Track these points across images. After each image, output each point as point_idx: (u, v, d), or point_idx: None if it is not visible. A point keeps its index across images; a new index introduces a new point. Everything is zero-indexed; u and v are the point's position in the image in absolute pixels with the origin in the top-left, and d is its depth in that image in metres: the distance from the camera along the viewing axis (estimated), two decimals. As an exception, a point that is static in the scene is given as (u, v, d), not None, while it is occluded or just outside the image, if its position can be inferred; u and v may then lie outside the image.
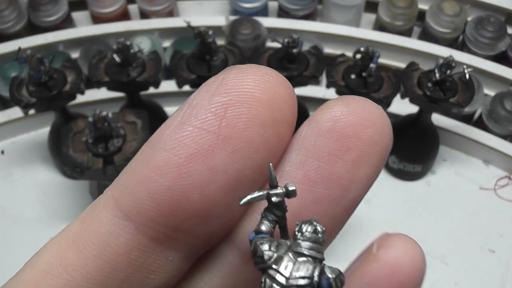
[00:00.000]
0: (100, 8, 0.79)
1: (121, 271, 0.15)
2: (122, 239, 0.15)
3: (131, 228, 0.15)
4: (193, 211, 0.15)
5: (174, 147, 0.14)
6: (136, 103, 0.67)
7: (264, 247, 0.14)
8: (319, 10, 0.82)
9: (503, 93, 0.71)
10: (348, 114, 0.15)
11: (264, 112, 0.14)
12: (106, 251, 0.15)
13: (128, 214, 0.15)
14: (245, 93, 0.14)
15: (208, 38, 0.61)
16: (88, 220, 0.15)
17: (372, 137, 0.15)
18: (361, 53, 0.60)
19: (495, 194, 0.72)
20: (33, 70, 0.59)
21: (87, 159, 0.57)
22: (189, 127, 0.14)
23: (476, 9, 0.79)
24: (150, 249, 0.15)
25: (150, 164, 0.14)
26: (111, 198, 0.15)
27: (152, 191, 0.14)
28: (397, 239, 0.16)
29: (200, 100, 0.15)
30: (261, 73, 0.15)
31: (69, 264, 0.15)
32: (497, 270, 0.66)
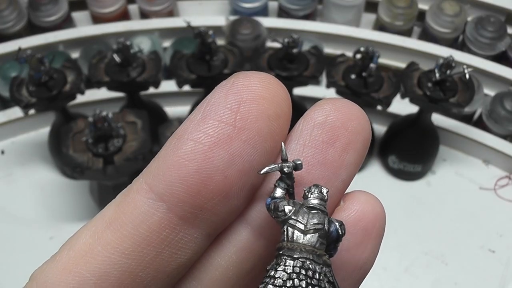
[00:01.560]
0: (100, 8, 0.79)
1: (154, 247, 0.17)
2: (156, 218, 0.17)
3: (164, 208, 0.17)
4: (216, 191, 0.17)
5: (199, 136, 0.17)
6: (136, 103, 0.67)
7: (283, 203, 0.18)
8: (319, 10, 0.82)
9: (503, 93, 0.71)
10: (336, 111, 0.19)
11: (269, 108, 0.18)
12: (141, 228, 0.17)
13: (161, 196, 0.17)
14: (253, 92, 0.18)
15: (208, 38, 0.61)
16: (123, 204, 0.18)
17: (356, 128, 0.19)
18: (361, 53, 0.60)
19: (495, 194, 0.72)
20: (33, 70, 0.59)
21: (87, 159, 0.57)
22: (210, 120, 0.17)
23: (476, 9, 0.79)
24: (179, 227, 0.17)
25: (179, 151, 0.17)
26: (144, 184, 0.17)
27: (182, 174, 0.17)
28: (360, 194, 0.20)
29: (216, 99, 0.17)
30: (264, 77, 0.18)
31: (108, 243, 0.17)
32: (497, 270, 0.66)
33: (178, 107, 0.77)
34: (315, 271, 0.17)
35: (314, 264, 0.17)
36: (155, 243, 0.17)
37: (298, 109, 0.73)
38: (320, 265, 0.17)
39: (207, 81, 0.63)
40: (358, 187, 0.70)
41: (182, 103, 0.77)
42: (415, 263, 0.66)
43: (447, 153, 0.75)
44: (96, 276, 0.17)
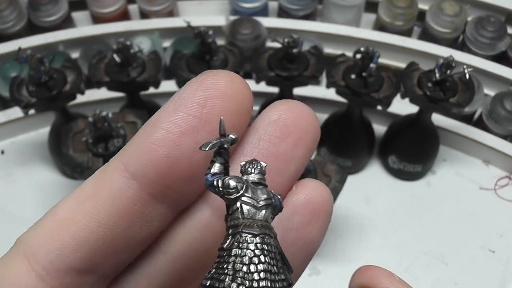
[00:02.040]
0: (100, 8, 0.79)
1: (126, 219, 0.20)
2: (129, 194, 0.20)
3: (136, 186, 0.20)
4: (182, 173, 0.20)
5: (170, 126, 0.20)
6: (136, 103, 0.67)
7: (232, 180, 0.19)
8: (319, 10, 0.82)
9: (503, 93, 0.71)
10: (288, 110, 0.22)
11: (232, 105, 0.20)
12: (117, 202, 0.20)
13: (134, 175, 0.20)
14: (219, 90, 0.20)
15: (208, 38, 0.61)
16: (101, 180, 0.20)
17: (306, 126, 0.22)
18: (361, 53, 0.60)
19: (495, 194, 0.72)
20: (33, 70, 0.59)
21: (87, 159, 0.57)
22: (180, 112, 0.20)
23: (476, 9, 0.79)
24: (148, 202, 0.20)
25: (152, 137, 0.20)
26: (120, 163, 0.20)
27: (153, 158, 0.20)
28: (310, 181, 0.22)
29: (187, 94, 0.20)
30: (230, 76, 0.20)
31: (87, 213, 0.20)
32: (497, 270, 0.66)
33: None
34: (272, 245, 0.18)
35: (270, 238, 0.18)
36: (128, 216, 0.20)
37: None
38: (273, 239, 0.19)
39: (207, 81, 0.63)
40: (358, 187, 0.71)
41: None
42: (415, 263, 0.66)
43: (447, 153, 0.75)
44: (76, 241, 0.19)
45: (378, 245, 0.68)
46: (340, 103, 0.72)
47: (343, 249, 0.68)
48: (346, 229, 0.69)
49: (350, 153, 0.72)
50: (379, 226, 0.70)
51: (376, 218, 0.70)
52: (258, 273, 0.18)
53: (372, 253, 0.68)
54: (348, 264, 0.66)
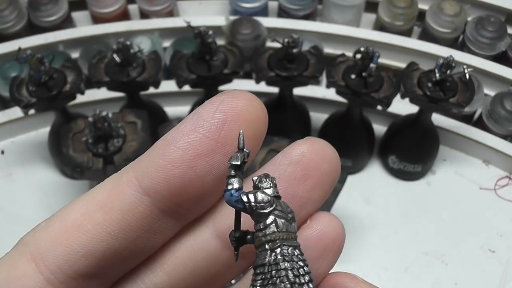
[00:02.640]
0: (100, 8, 0.79)
1: (136, 231, 0.20)
2: (141, 209, 0.20)
3: (148, 201, 0.20)
4: (194, 193, 0.20)
5: (187, 147, 0.20)
6: (136, 103, 0.67)
7: (264, 195, 0.19)
8: (319, 10, 0.82)
9: (503, 93, 0.71)
10: (312, 152, 0.21)
11: (249, 129, 0.20)
12: (128, 215, 0.20)
13: (147, 191, 0.20)
14: (238, 113, 0.20)
15: (208, 38, 0.61)
16: (114, 192, 0.20)
17: (327, 170, 0.22)
18: (361, 53, 0.60)
19: (495, 194, 0.72)
20: (33, 70, 0.59)
21: (87, 159, 0.57)
22: (198, 134, 0.20)
23: (476, 9, 0.79)
24: (158, 217, 0.21)
25: (168, 158, 0.20)
26: (134, 178, 0.20)
27: (168, 177, 0.20)
28: (324, 215, 0.22)
29: (206, 114, 0.20)
30: (249, 99, 0.21)
31: (97, 223, 0.20)
32: (497, 270, 0.66)
33: (178, 107, 0.77)
34: (303, 254, 0.19)
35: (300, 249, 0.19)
36: (138, 229, 0.20)
37: (298, 109, 0.73)
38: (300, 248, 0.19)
39: (207, 81, 0.63)
40: (358, 187, 0.71)
41: (182, 103, 0.77)
42: (415, 263, 0.66)
43: (447, 153, 0.75)
44: (85, 249, 0.20)
45: (378, 245, 0.68)
46: (340, 103, 0.72)
47: (344, 249, 0.68)
48: (346, 229, 0.68)
49: (350, 153, 0.72)
50: (379, 226, 0.70)
51: (376, 218, 0.70)
52: (307, 283, 0.18)
53: (372, 253, 0.68)
54: (348, 264, 0.66)
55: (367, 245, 0.68)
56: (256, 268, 0.18)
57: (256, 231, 0.19)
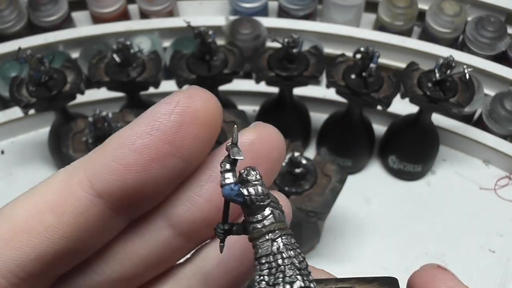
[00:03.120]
0: (100, 8, 0.79)
1: (89, 232, 0.20)
2: (93, 211, 0.20)
3: (101, 203, 0.20)
4: (147, 195, 0.20)
5: (142, 151, 0.20)
6: (136, 103, 0.67)
7: (261, 188, 0.19)
8: (319, 10, 0.82)
9: (503, 93, 0.71)
10: (260, 141, 0.21)
11: (205, 131, 0.20)
12: (81, 218, 0.20)
13: (100, 194, 0.20)
14: (194, 116, 0.20)
15: (208, 38, 0.61)
16: (65, 194, 0.20)
17: (276, 158, 0.22)
18: (361, 53, 0.60)
19: (495, 194, 0.72)
20: (33, 70, 0.59)
21: (87, 159, 0.57)
22: (153, 137, 0.20)
23: (476, 9, 0.79)
24: (110, 217, 0.21)
25: (122, 161, 0.20)
26: (85, 180, 0.20)
27: (121, 180, 0.20)
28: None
29: (162, 116, 0.20)
30: (206, 99, 0.20)
31: (49, 226, 0.20)
32: (497, 270, 0.66)
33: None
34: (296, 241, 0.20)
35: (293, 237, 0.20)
36: (90, 229, 0.20)
37: (298, 109, 0.73)
38: None
39: (207, 81, 0.63)
40: (358, 187, 0.71)
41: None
42: (415, 263, 0.66)
43: (447, 153, 0.75)
44: (37, 253, 0.20)
45: (378, 245, 0.68)
46: (340, 103, 0.72)
47: (343, 249, 0.68)
48: (346, 229, 0.69)
49: (350, 153, 0.72)
50: (379, 226, 0.70)
51: (376, 218, 0.70)
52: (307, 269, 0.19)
53: (372, 253, 0.68)
54: (348, 264, 0.66)
55: (367, 245, 0.68)
56: (261, 258, 0.19)
57: (254, 223, 0.19)
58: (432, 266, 0.22)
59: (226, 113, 0.61)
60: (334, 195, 0.58)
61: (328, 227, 0.68)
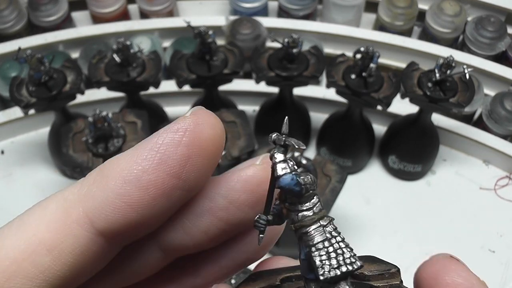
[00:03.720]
0: (100, 8, 0.79)
1: (88, 269, 0.19)
2: (94, 249, 0.19)
3: (102, 241, 0.19)
4: (150, 227, 0.20)
5: (148, 187, 0.18)
6: (136, 103, 0.67)
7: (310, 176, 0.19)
8: (319, 10, 0.82)
9: (503, 93, 0.71)
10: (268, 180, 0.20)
11: (211, 161, 0.19)
12: (81, 258, 0.19)
13: (101, 232, 0.19)
14: (202, 148, 0.19)
15: (208, 38, 0.61)
16: (62, 233, 0.19)
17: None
18: (361, 53, 0.60)
19: (495, 194, 0.72)
20: (33, 70, 0.59)
21: (87, 159, 0.57)
22: (160, 172, 0.18)
23: (476, 9, 0.79)
24: (110, 250, 0.20)
25: (127, 199, 0.18)
26: (85, 217, 0.19)
27: (126, 219, 0.19)
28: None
29: (169, 149, 0.19)
30: (213, 126, 0.19)
31: (46, 269, 0.18)
32: (497, 270, 0.66)
33: (178, 107, 0.77)
34: None
35: None
36: (90, 266, 0.19)
37: (298, 109, 0.73)
38: None
39: (207, 81, 0.63)
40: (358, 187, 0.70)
41: (182, 103, 0.77)
42: (415, 263, 0.66)
43: (447, 153, 0.75)
44: None
45: (378, 245, 0.68)
46: (340, 103, 0.72)
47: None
48: (346, 229, 0.69)
49: (350, 153, 0.72)
50: (379, 226, 0.70)
51: (376, 218, 0.70)
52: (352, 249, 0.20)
53: (372, 253, 0.67)
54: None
55: (367, 245, 0.68)
56: (317, 243, 0.19)
57: (303, 211, 0.19)
58: (445, 256, 0.22)
59: (226, 113, 0.61)
60: (334, 195, 0.58)
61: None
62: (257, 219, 0.20)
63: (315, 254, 0.19)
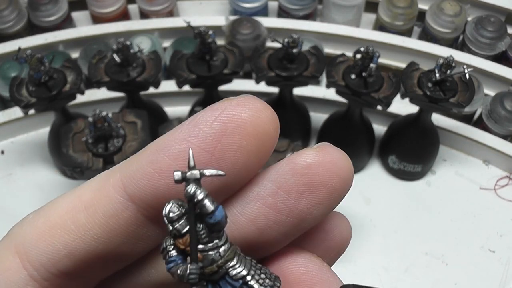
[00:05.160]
0: (100, 8, 0.79)
1: (120, 237, 0.20)
2: (125, 215, 0.19)
3: (133, 208, 0.19)
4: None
5: (177, 157, 0.18)
6: (136, 103, 0.67)
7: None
8: (319, 10, 0.82)
9: (503, 93, 0.71)
10: (319, 165, 0.19)
11: (251, 144, 0.18)
12: (111, 221, 0.19)
13: (132, 198, 0.19)
14: (239, 125, 0.18)
15: (208, 38, 0.61)
16: (99, 194, 0.19)
17: (334, 187, 0.20)
18: (361, 53, 0.60)
19: (495, 194, 0.72)
20: (33, 70, 0.59)
21: (87, 159, 0.57)
22: (191, 143, 0.18)
23: (476, 9, 0.79)
24: (144, 224, 0.20)
25: (156, 165, 0.19)
26: (120, 182, 0.19)
27: (153, 186, 0.19)
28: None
29: (203, 122, 0.18)
30: (256, 109, 0.18)
31: (80, 225, 0.19)
32: (497, 270, 0.66)
33: (178, 107, 0.77)
34: None
35: None
36: (122, 234, 0.19)
37: (298, 109, 0.73)
38: None
39: (207, 81, 0.63)
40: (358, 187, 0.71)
41: (182, 103, 0.77)
42: (415, 263, 0.66)
43: (447, 153, 0.75)
44: (67, 249, 0.19)
45: (378, 245, 0.68)
46: (340, 103, 0.72)
47: (343, 249, 0.68)
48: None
49: (350, 153, 0.71)
50: (379, 226, 0.70)
51: (376, 218, 0.70)
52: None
53: (372, 253, 0.68)
54: (348, 264, 0.66)
55: (367, 245, 0.68)
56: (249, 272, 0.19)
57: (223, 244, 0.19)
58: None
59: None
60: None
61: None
62: (190, 271, 0.18)
63: (252, 281, 0.19)
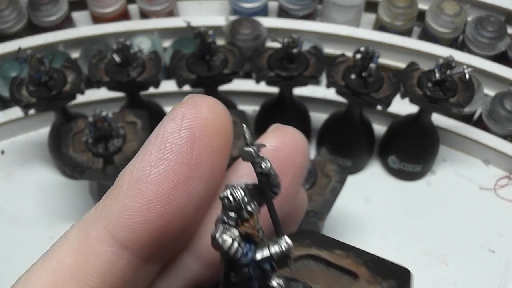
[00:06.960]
0: (100, 8, 0.79)
1: None
2: (121, 265, 0.17)
3: (128, 254, 0.17)
4: (176, 230, 0.18)
5: (160, 181, 0.17)
6: (136, 103, 0.67)
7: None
8: (319, 10, 0.82)
9: (503, 93, 0.71)
10: (284, 145, 0.19)
11: (219, 141, 0.18)
12: (107, 277, 0.17)
13: (124, 244, 0.17)
14: (205, 125, 0.18)
15: (208, 38, 0.61)
16: (84, 254, 0.17)
17: (302, 162, 0.20)
18: (361, 53, 0.60)
19: (495, 194, 0.72)
20: (33, 70, 0.59)
21: (87, 159, 0.57)
22: (169, 161, 0.17)
23: (476, 9, 0.79)
24: (139, 266, 0.18)
25: (141, 198, 0.17)
26: (105, 232, 0.17)
27: (145, 221, 0.17)
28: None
29: (170, 135, 0.18)
30: (211, 105, 0.18)
31: None
32: (497, 270, 0.66)
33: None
34: None
35: None
36: (119, 286, 0.18)
37: (298, 109, 0.73)
38: None
39: (207, 81, 0.63)
40: (358, 187, 0.71)
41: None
42: (415, 263, 0.66)
43: (447, 153, 0.75)
44: None
45: (378, 245, 0.68)
46: (340, 103, 0.72)
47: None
48: (346, 229, 0.69)
49: (350, 153, 0.72)
50: (379, 226, 0.70)
51: (376, 218, 0.70)
52: None
53: (372, 253, 0.68)
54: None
55: (367, 245, 0.68)
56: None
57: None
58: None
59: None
60: (334, 195, 0.58)
61: (328, 227, 0.68)
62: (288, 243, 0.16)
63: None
